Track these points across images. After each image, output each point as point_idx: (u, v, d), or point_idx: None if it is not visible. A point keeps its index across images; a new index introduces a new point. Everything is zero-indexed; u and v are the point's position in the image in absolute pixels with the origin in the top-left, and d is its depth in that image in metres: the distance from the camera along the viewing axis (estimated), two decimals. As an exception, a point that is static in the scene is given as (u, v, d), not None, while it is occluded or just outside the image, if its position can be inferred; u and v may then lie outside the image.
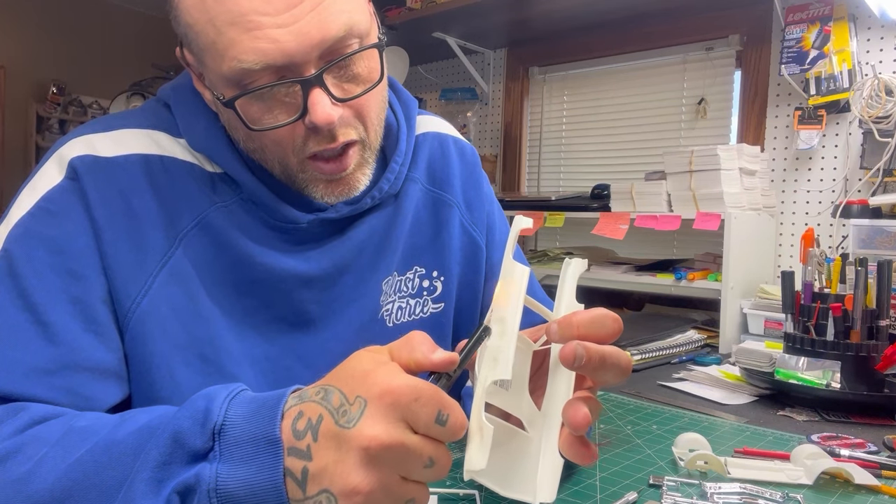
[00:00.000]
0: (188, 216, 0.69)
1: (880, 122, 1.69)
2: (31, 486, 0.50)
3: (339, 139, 0.66)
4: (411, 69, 2.67)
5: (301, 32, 0.60)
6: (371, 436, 0.44)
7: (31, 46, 3.55)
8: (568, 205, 2.07)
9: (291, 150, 0.67)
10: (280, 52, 0.60)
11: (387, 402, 0.45)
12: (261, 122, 0.65)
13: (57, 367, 0.61)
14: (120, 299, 0.65)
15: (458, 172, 0.87)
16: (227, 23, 0.60)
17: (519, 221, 0.56)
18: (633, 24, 2.25)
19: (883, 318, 1.14)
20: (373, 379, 0.46)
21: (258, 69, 0.61)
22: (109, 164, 0.67)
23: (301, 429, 0.47)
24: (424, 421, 0.45)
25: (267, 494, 0.46)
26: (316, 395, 0.48)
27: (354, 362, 0.49)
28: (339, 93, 0.65)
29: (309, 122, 0.64)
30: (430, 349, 0.49)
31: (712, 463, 0.75)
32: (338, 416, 0.46)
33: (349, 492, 0.45)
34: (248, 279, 0.71)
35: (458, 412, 0.46)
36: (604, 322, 0.53)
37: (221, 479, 0.47)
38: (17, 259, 0.63)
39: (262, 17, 0.59)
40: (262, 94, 0.63)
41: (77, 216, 0.65)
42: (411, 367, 0.48)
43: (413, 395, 0.45)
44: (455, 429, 0.45)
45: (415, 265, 0.82)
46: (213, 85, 0.66)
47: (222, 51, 0.61)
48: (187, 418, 0.49)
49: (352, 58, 0.65)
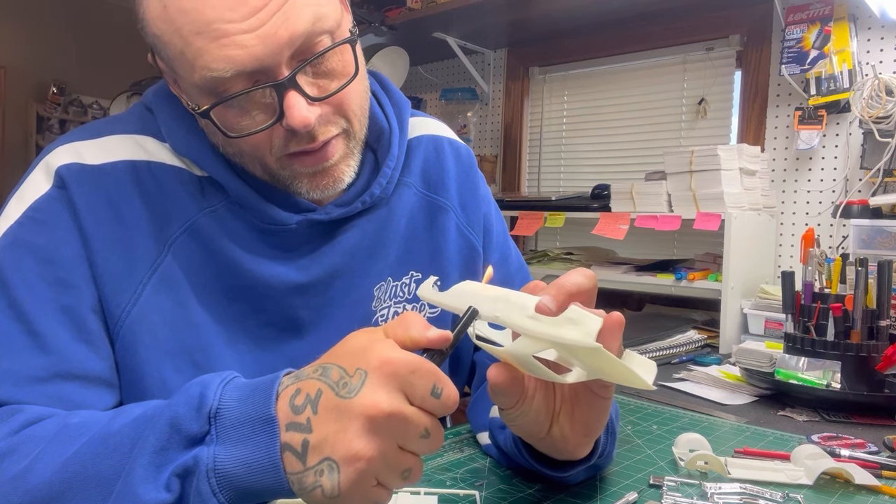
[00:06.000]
0: (177, 222, 0.69)
1: (880, 122, 1.69)
2: (30, 482, 0.51)
3: (319, 139, 0.66)
4: (411, 69, 2.67)
5: (268, 35, 0.60)
6: (372, 403, 0.46)
7: (31, 46, 3.55)
8: (568, 205, 2.07)
9: (269, 151, 0.66)
10: (249, 57, 0.60)
11: (386, 371, 0.47)
12: (238, 128, 0.65)
13: (48, 375, 0.61)
14: (110, 308, 0.65)
15: (454, 175, 0.87)
16: (193, 32, 0.59)
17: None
18: (633, 24, 2.25)
19: (883, 318, 1.14)
20: (371, 352, 0.48)
21: (229, 76, 0.60)
22: (96, 171, 0.67)
23: (299, 404, 0.48)
24: (420, 393, 0.47)
25: (265, 471, 0.47)
26: (314, 373, 0.49)
27: (352, 340, 0.51)
28: (314, 91, 0.64)
29: (287, 125, 0.63)
30: (425, 327, 0.51)
31: (712, 463, 0.75)
32: (338, 388, 0.47)
33: (351, 458, 0.46)
34: (237, 285, 0.70)
35: (451, 386, 0.48)
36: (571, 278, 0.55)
37: (219, 460, 0.47)
38: (5, 269, 0.63)
39: (227, 24, 0.59)
40: (238, 100, 0.63)
41: (65, 225, 0.65)
42: (407, 345, 0.50)
43: (410, 368, 0.47)
44: (448, 402, 0.48)
45: (410, 270, 0.81)
46: (187, 94, 0.66)
47: (192, 60, 0.61)
48: (183, 405, 0.49)
49: (324, 54, 0.64)
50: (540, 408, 0.59)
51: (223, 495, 0.47)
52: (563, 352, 0.54)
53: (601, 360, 0.51)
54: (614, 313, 0.53)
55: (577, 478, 0.69)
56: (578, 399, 0.59)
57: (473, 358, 0.90)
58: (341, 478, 0.46)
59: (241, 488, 0.48)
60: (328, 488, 0.46)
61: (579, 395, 0.59)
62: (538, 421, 0.60)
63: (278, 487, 0.48)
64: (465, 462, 0.78)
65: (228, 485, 0.47)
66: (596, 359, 0.51)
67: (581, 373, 0.55)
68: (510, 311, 0.53)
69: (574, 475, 0.67)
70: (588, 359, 0.53)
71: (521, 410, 0.58)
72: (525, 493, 0.69)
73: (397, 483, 0.48)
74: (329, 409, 0.47)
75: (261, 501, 0.50)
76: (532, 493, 0.69)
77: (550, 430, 0.60)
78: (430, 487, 0.69)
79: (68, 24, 3.67)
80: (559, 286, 0.54)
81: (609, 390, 0.58)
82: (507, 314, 0.53)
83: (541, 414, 0.59)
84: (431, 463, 0.77)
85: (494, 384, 0.55)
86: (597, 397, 0.59)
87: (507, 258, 0.91)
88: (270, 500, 0.51)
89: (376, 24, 2.41)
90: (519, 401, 0.58)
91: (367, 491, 0.47)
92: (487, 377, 0.55)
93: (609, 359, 0.51)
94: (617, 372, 0.52)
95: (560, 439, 0.61)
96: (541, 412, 0.59)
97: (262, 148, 0.66)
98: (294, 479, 0.47)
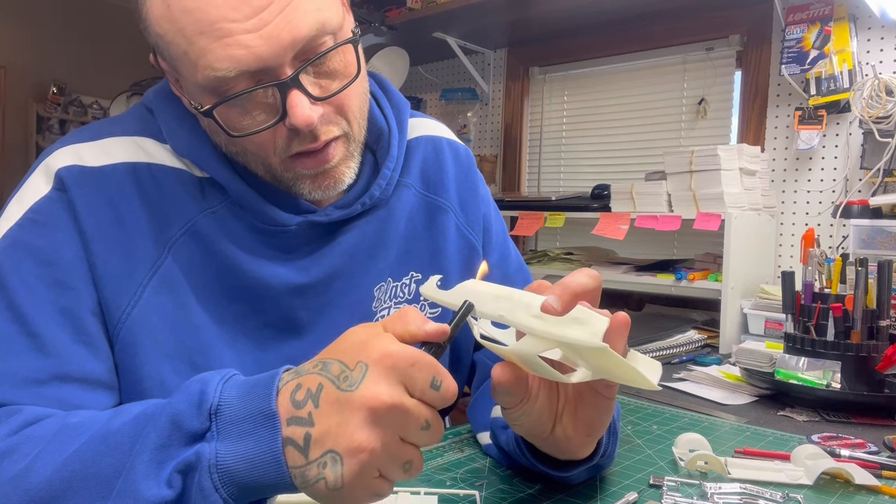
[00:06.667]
0: (177, 224, 0.69)
1: (880, 122, 1.69)
2: (30, 481, 0.51)
3: (322, 138, 0.66)
4: (411, 69, 2.67)
5: (271, 36, 0.60)
6: (374, 395, 0.46)
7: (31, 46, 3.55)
8: (568, 205, 2.07)
9: (273, 152, 0.67)
10: (253, 57, 0.60)
11: (387, 364, 0.47)
12: (241, 128, 0.65)
13: (47, 377, 0.61)
14: (110, 310, 0.65)
15: (453, 175, 0.87)
16: (196, 32, 0.60)
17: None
18: (633, 24, 2.25)
19: (883, 318, 1.14)
20: (371, 346, 0.49)
21: (233, 76, 0.61)
22: (97, 173, 0.67)
23: (300, 398, 0.48)
24: (420, 385, 0.48)
25: (267, 466, 0.47)
26: (314, 368, 0.49)
27: (351, 335, 0.51)
28: (317, 91, 0.65)
29: (289, 125, 0.64)
30: (423, 321, 0.51)
31: (712, 463, 0.75)
32: (339, 382, 0.48)
33: (354, 449, 0.46)
34: (237, 286, 0.70)
35: (450, 379, 0.49)
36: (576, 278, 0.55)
37: (221, 456, 0.47)
38: (5, 270, 0.63)
39: (230, 23, 0.59)
40: (241, 99, 0.63)
41: (65, 227, 0.65)
42: (405, 339, 0.50)
43: (410, 361, 0.48)
44: (447, 394, 0.48)
45: (410, 270, 0.81)
46: (189, 94, 0.66)
47: (195, 60, 0.61)
48: (183, 402, 0.50)
49: (327, 54, 0.64)
50: (543, 407, 0.59)
51: (225, 491, 0.47)
52: (569, 352, 0.54)
53: (607, 360, 0.51)
54: (620, 313, 0.53)
55: (578, 478, 0.69)
56: (582, 399, 0.59)
57: (473, 357, 0.90)
58: (344, 469, 0.46)
59: (242, 484, 0.48)
60: (331, 480, 0.46)
61: (583, 395, 0.59)
62: (541, 420, 0.60)
63: (280, 482, 0.48)
64: (465, 462, 0.78)
65: (230, 480, 0.47)
66: (602, 359, 0.52)
67: (586, 373, 0.55)
68: (515, 310, 0.53)
69: (576, 475, 0.67)
70: (594, 359, 0.53)
71: (525, 410, 0.58)
72: (525, 493, 0.69)
73: (398, 475, 0.49)
74: (330, 402, 0.47)
75: (262, 496, 0.50)
76: (532, 493, 0.69)
77: (553, 429, 0.61)
78: (430, 487, 0.69)
79: (68, 24, 3.67)
80: (564, 286, 0.54)
81: (613, 390, 0.59)
82: (512, 313, 0.53)
83: (544, 413, 0.59)
84: (431, 463, 0.77)
85: (499, 383, 0.55)
86: (601, 397, 0.59)
87: (506, 258, 0.91)
88: (272, 496, 0.51)
89: (376, 24, 2.41)
90: (522, 400, 0.58)
91: (369, 483, 0.47)
92: (492, 376, 0.56)
93: (615, 359, 0.51)
94: (622, 372, 0.52)
95: (563, 439, 0.61)
96: (544, 412, 0.59)
97: (266, 148, 0.66)
98: (296, 473, 0.47)
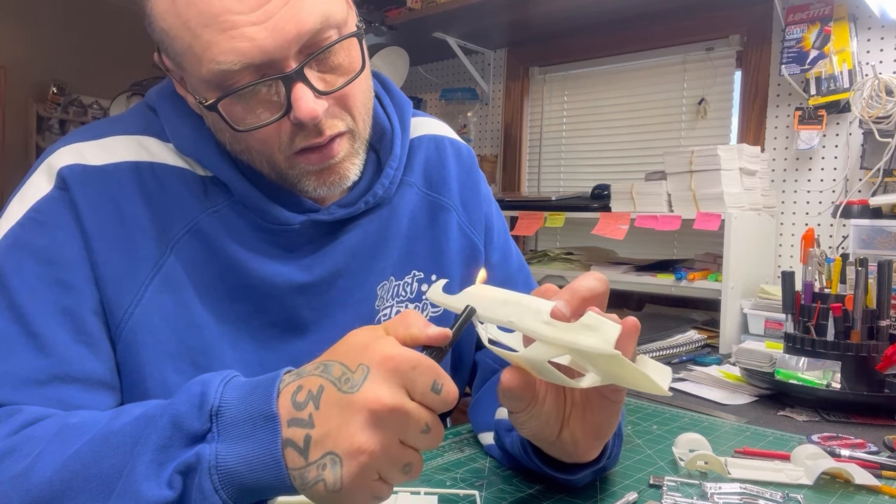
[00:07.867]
0: (179, 223, 0.69)
1: (880, 122, 1.69)
2: (30, 481, 0.50)
3: (326, 133, 0.66)
4: (411, 69, 2.67)
5: (276, 28, 0.60)
6: (375, 397, 0.46)
7: (31, 46, 3.55)
8: (568, 205, 2.08)
9: (278, 148, 0.66)
10: (258, 49, 0.60)
11: (388, 366, 0.47)
12: (245, 122, 0.64)
13: (47, 378, 0.61)
14: (112, 309, 0.65)
15: (455, 175, 0.87)
16: (201, 25, 0.60)
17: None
18: (633, 24, 2.25)
19: (883, 318, 1.14)
20: (373, 348, 0.49)
21: (237, 69, 0.60)
22: (99, 172, 0.67)
23: (301, 400, 0.48)
24: (421, 389, 0.48)
25: (266, 468, 0.48)
26: (315, 370, 0.49)
27: (353, 338, 0.51)
28: (321, 85, 0.64)
29: (294, 118, 0.63)
30: (425, 324, 0.51)
31: (712, 463, 0.75)
32: (340, 384, 0.48)
33: (354, 451, 0.46)
34: (240, 285, 0.70)
35: (451, 383, 0.49)
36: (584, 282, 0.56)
37: (221, 457, 0.48)
38: (6, 270, 0.63)
39: (235, 16, 0.59)
40: (245, 93, 0.63)
41: (67, 226, 0.65)
42: (407, 342, 0.50)
43: (412, 364, 0.48)
44: (448, 398, 0.48)
45: (412, 269, 0.81)
46: (194, 89, 0.66)
47: (199, 53, 0.61)
48: (184, 403, 0.50)
49: (331, 49, 0.64)
50: (551, 411, 0.59)
51: (225, 492, 0.47)
52: (579, 357, 0.54)
53: (618, 366, 0.51)
54: (630, 319, 0.53)
55: (584, 480, 0.69)
56: (590, 403, 0.59)
57: (475, 358, 0.90)
58: (344, 471, 0.46)
59: (242, 485, 0.48)
60: (331, 482, 0.46)
61: (591, 399, 0.59)
62: (549, 424, 0.60)
63: (280, 484, 0.48)
64: (465, 462, 0.78)
65: (230, 481, 0.47)
66: (613, 365, 0.51)
67: (595, 378, 0.55)
68: (524, 315, 0.52)
69: (581, 478, 0.67)
70: (605, 365, 0.52)
71: (532, 413, 0.58)
72: (525, 494, 0.69)
73: (398, 477, 0.49)
74: (331, 404, 0.47)
75: (262, 498, 0.50)
76: (532, 493, 0.69)
77: (561, 433, 0.60)
78: (430, 487, 0.69)
79: (68, 24, 3.67)
80: (573, 291, 0.54)
81: (621, 394, 0.58)
82: (522, 319, 0.52)
83: (551, 417, 0.59)
84: (431, 463, 0.77)
85: (508, 388, 0.55)
86: (608, 401, 0.58)
87: (507, 258, 0.91)
88: (272, 497, 0.51)
89: (376, 24, 2.41)
90: (530, 404, 0.58)
91: (368, 485, 0.47)
92: (501, 381, 0.55)
93: (626, 365, 0.50)
94: (633, 378, 0.52)
95: (570, 443, 0.61)
96: (551, 416, 0.59)
97: (270, 144, 0.66)
98: (296, 475, 0.47)
